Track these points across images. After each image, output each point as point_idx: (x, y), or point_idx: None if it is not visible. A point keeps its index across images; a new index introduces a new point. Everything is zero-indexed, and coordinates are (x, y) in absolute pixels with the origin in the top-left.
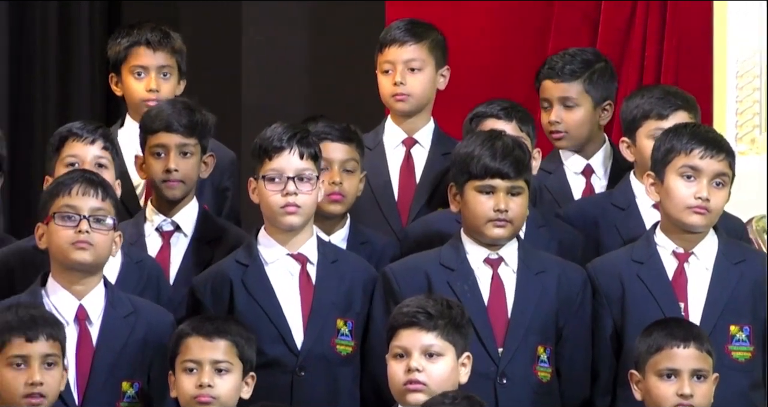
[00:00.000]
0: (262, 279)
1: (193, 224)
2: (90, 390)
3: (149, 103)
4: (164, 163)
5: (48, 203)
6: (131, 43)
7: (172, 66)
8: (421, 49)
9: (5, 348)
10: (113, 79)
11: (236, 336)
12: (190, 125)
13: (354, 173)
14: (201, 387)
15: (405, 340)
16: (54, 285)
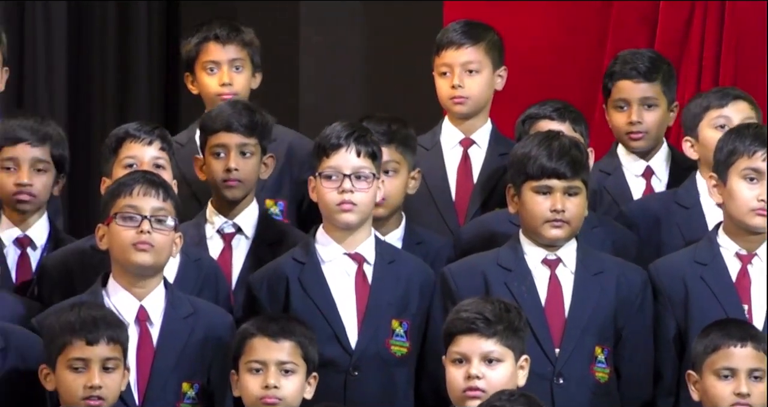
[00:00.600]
0: (318, 278)
1: (254, 225)
2: (150, 390)
3: (224, 97)
4: (224, 163)
5: (109, 204)
6: (201, 39)
7: (243, 59)
8: (478, 51)
9: (66, 349)
10: (189, 78)
11: (300, 336)
12: (250, 125)
13: (396, 173)
14: (267, 388)
15: (464, 346)
16: (115, 286)
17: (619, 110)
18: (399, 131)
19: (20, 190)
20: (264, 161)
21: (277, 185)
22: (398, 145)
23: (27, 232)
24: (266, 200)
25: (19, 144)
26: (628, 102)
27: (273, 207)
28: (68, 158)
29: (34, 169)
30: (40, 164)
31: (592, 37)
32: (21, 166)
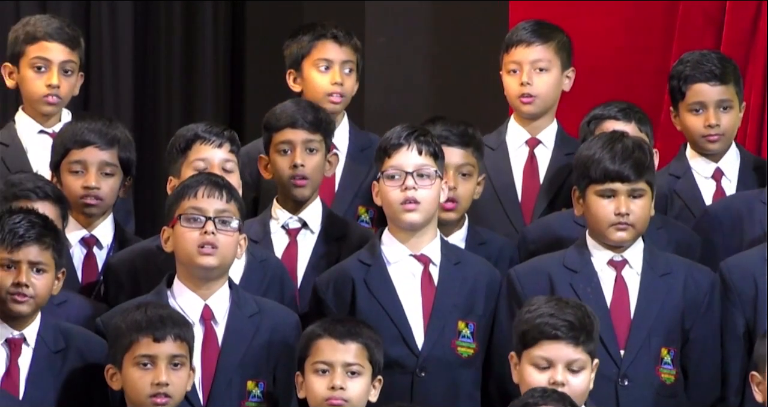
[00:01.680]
0: (385, 279)
1: (319, 220)
2: (215, 389)
3: (332, 97)
4: (290, 159)
5: (173, 206)
6: (316, 36)
7: (354, 62)
8: (548, 50)
9: (133, 347)
10: (291, 75)
11: (367, 338)
12: (315, 121)
13: (470, 176)
14: (333, 390)
15: (550, 352)
16: (180, 287)
17: (695, 113)
18: (474, 135)
19: (87, 193)
20: (328, 158)
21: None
22: (474, 149)
23: (93, 232)
24: (359, 206)
25: (88, 147)
26: (705, 105)
27: (364, 214)
28: (135, 160)
29: (102, 172)
30: (108, 167)
31: (658, 38)
32: (89, 169)
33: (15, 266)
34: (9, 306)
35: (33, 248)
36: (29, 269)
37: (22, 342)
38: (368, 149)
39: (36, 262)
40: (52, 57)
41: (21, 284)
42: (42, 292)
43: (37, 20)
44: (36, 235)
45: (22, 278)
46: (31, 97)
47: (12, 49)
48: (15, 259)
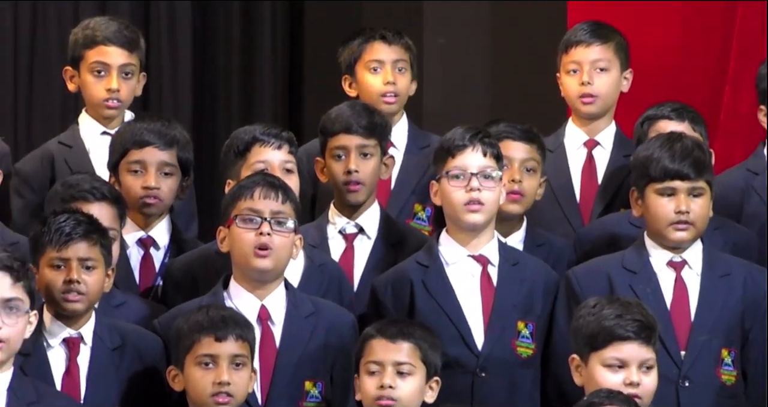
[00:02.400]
0: (443, 280)
1: (376, 226)
2: (273, 390)
3: (386, 98)
4: (345, 165)
5: (230, 207)
6: (366, 39)
7: (406, 61)
8: (608, 50)
9: (195, 347)
10: (347, 80)
11: (420, 339)
12: (369, 126)
13: (534, 173)
14: (382, 389)
15: (624, 353)
16: (236, 288)
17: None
18: (538, 134)
19: (147, 193)
20: (384, 161)
21: (427, 190)
22: (539, 146)
23: (150, 233)
24: (415, 204)
25: (147, 147)
26: None
27: (421, 212)
28: (193, 161)
29: (161, 172)
30: (167, 167)
31: (716, 38)
32: (148, 169)
33: (65, 264)
34: (63, 305)
35: (81, 245)
36: (79, 266)
37: (79, 340)
38: (426, 147)
39: (85, 258)
40: (110, 61)
41: (72, 281)
42: (93, 288)
43: (96, 23)
44: (83, 232)
45: (73, 275)
46: (92, 101)
47: (72, 53)
48: (64, 257)
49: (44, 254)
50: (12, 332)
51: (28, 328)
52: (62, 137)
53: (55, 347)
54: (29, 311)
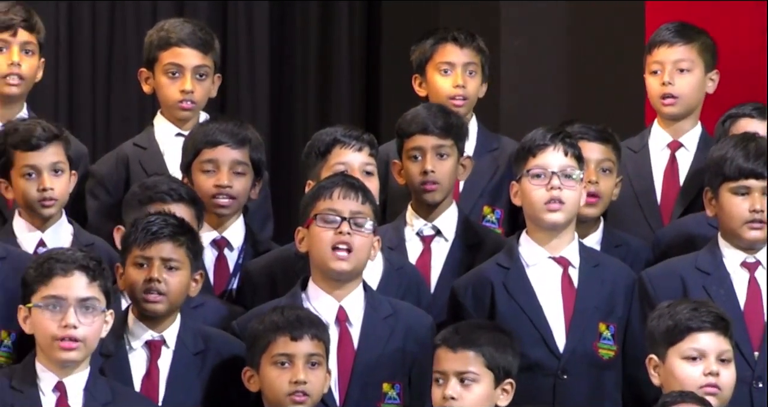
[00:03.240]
0: (524, 282)
1: (453, 228)
2: (351, 391)
3: (455, 101)
4: (421, 165)
5: (309, 207)
6: (438, 40)
7: (477, 64)
8: (691, 50)
9: (270, 346)
10: (417, 80)
11: (484, 345)
12: (445, 126)
13: (610, 173)
14: (444, 400)
15: (702, 343)
16: (315, 289)
17: None
18: (613, 134)
19: (220, 192)
20: (461, 162)
21: (496, 192)
22: (614, 147)
23: (224, 234)
24: (484, 206)
25: (219, 146)
26: None
27: (490, 214)
28: (265, 162)
29: (234, 171)
30: (240, 166)
31: None
32: (220, 168)
33: (148, 263)
34: (143, 305)
35: (166, 245)
36: (162, 266)
37: (161, 343)
38: (496, 150)
39: (168, 259)
40: (184, 63)
41: (153, 280)
42: (175, 289)
43: (170, 25)
44: (169, 232)
45: (153, 274)
46: (167, 102)
47: (147, 55)
48: (147, 255)
49: (130, 253)
50: (88, 331)
51: (104, 327)
52: (137, 138)
53: (137, 349)
54: (105, 310)
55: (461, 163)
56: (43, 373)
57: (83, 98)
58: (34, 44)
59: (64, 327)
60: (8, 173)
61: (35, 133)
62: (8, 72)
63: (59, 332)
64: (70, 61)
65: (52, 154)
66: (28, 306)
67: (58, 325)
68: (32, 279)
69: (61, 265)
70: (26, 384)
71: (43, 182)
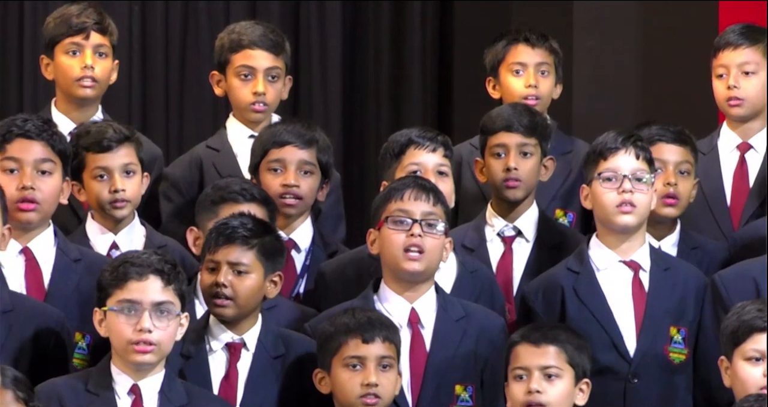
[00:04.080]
0: (594, 287)
1: (534, 228)
2: (423, 393)
3: (528, 101)
4: (504, 162)
5: (380, 209)
6: (510, 41)
7: (549, 65)
8: (756, 52)
9: (342, 349)
10: (491, 82)
11: (565, 341)
12: (530, 125)
13: (688, 175)
14: (530, 394)
15: (763, 344)
16: (386, 291)
17: None
18: (691, 136)
19: (287, 191)
20: (544, 163)
21: (569, 195)
22: (692, 149)
23: (291, 235)
24: (556, 209)
25: (287, 146)
26: None
27: (562, 218)
28: (333, 165)
29: (301, 171)
30: (307, 165)
31: None
32: (288, 167)
33: (216, 267)
34: (212, 310)
35: (234, 250)
36: (228, 270)
37: (241, 346)
38: (569, 153)
39: (236, 263)
40: (256, 64)
41: (219, 285)
42: (244, 294)
43: (241, 28)
44: (240, 236)
45: (219, 278)
46: (239, 105)
47: (218, 57)
48: (216, 260)
49: (204, 256)
50: (163, 335)
51: (179, 331)
52: (210, 141)
53: (217, 351)
54: (180, 314)
55: (544, 163)
56: (119, 376)
57: (156, 100)
58: (107, 47)
59: (138, 331)
60: (80, 175)
61: (106, 134)
62: (82, 75)
63: (134, 336)
64: (143, 62)
65: (123, 155)
66: (103, 310)
67: (132, 329)
68: (108, 283)
69: (136, 269)
70: (101, 387)
71: (114, 184)
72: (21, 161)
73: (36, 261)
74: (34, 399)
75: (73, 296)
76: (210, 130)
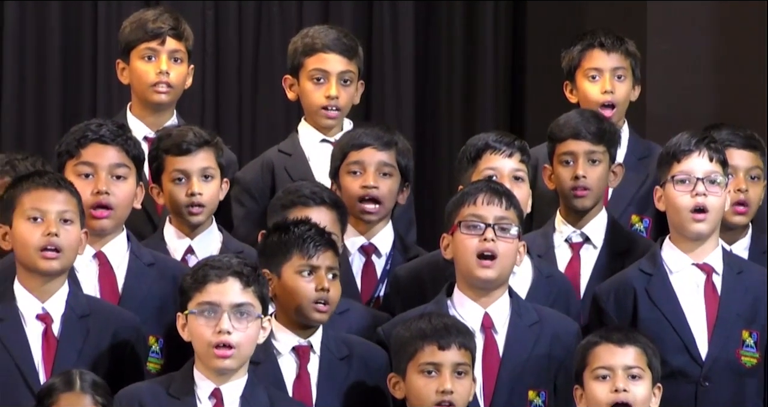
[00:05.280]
0: (667, 289)
1: (602, 235)
2: (496, 398)
3: (605, 107)
4: (572, 170)
5: (453, 213)
6: (585, 46)
7: (626, 68)
8: None
9: (417, 354)
10: (567, 87)
11: (644, 343)
12: (598, 132)
13: (759, 180)
14: (616, 392)
15: None
16: (460, 296)
17: None
18: (760, 140)
19: (366, 193)
20: (612, 169)
21: (645, 201)
22: (762, 153)
23: (372, 240)
24: (632, 215)
25: (365, 148)
26: None
27: (638, 223)
28: (412, 168)
29: (380, 173)
30: (386, 167)
31: None
32: (367, 169)
33: (314, 271)
34: (312, 315)
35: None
36: (327, 275)
37: (309, 349)
38: (647, 157)
39: (332, 267)
40: (330, 68)
41: (325, 290)
42: (337, 299)
43: (315, 31)
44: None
45: (325, 284)
46: (311, 108)
47: (291, 61)
48: (315, 265)
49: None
50: (243, 337)
51: (261, 334)
52: (282, 145)
53: (284, 355)
54: (261, 316)
55: (612, 170)
56: (201, 380)
57: (229, 104)
58: (183, 52)
59: (218, 333)
60: (160, 178)
61: (186, 138)
62: (157, 80)
63: (213, 338)
64: (216, 66)
65: (202, 159)
66: (184, 313)
67: (212, 331)
68: (188, 286)
69: (215, 271)
70: (183, 391)
71: (191, 187)
72: (96, 166)
73: (110, 266)
74: (112, 404)
75: (146, 301)
76: (283, 134)
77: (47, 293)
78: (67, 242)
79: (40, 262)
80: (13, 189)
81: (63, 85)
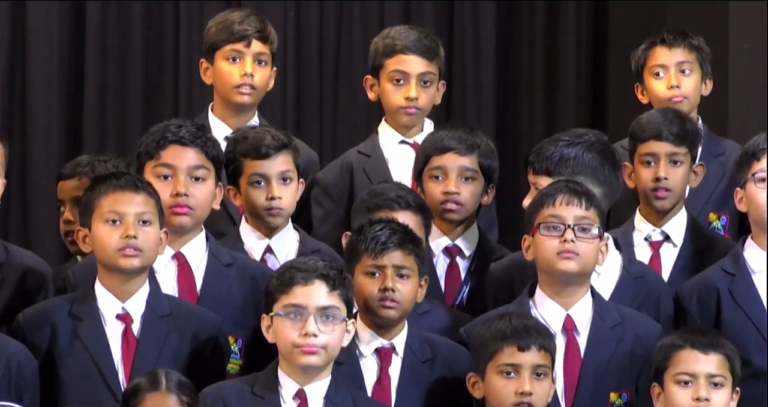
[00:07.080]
0: (750, 288)
1: (683, 233)
2: (578, 400)
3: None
4: (654, 171)
5: (533, 215)
6: (648, 45)
7: (692, 62)
8: None
9: (497, 355)
10: (638, 88)
11: (728, 349)
12: (680, 133)
13: None
14: (698, 401)
15: None
16: (542, 296)
17: None
18: None
19: (447, 198)
20: (694, 169)
21: (723, 198)
22: None
23: (456, 241)
24: (710, 213)
25: (447, 153)
26: None
27: (716, 221)
28: (497, 169)
29: (462, 177)
30: (468, 172)
31: None
32: (448, 175)
33: (380, 272)
34: (379, 313)
35: (397, 254)
36: (394, 274)
37: (391, 351)
38: (722, 155)
39: (400, 266)
40: (409, 69)
41: (388, 289)
42: (407, 297)
43: (395, 32)
44: (398, 241)
45: (388, 283)
46: (390, 109)
47: (372, 62)
48: (380, 264)
49: (359, 262)
50: (329, 339)
51: (345, 336)
52: (362, 146)
53: (367, 356)
54: (346, 319)
55: (693, 170)
56: (285, 380)
57: (311, 105)
58: (267, 55)
59: (304, 336)
60: (237, 180)
61: (265, 141)
62: (241, 82)
63: (299, 340)
64: (297, 67)
65: (281, 163)
66: (270, 315)
67: (298, 333)
68: (274, 288)
69: (301, 274)
70: (267, 390)
71: (271, 191)
72: (175, 168)
73: (188, 266)
74: (198, 404)
75: (225, 301)
76: (364, 135)
77: (127, 293)
78: (146, 243)
79: (121, 260)
80: (90, 192)
81: (145, 85)
